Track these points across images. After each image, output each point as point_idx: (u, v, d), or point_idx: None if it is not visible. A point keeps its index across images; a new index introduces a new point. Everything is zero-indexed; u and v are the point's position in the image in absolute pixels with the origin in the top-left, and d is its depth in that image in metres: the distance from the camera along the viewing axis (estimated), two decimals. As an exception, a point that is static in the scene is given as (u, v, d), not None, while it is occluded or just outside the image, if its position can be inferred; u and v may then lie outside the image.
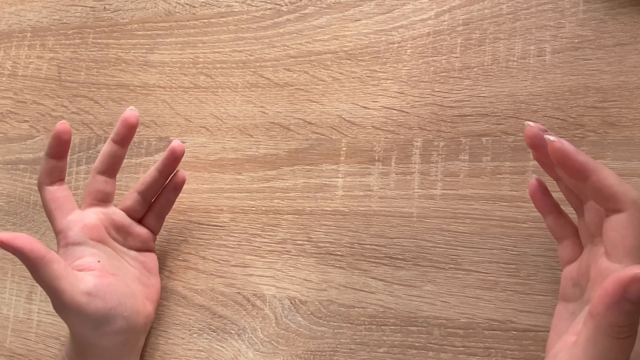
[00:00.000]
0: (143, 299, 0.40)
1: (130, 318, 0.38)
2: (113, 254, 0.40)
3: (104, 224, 0.40)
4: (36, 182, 0.50)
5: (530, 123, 0.27)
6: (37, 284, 0.48)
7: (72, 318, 0.35)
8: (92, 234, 0.39)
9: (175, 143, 0.40)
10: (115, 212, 0.41)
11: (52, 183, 0.38)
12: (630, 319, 0.23)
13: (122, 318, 0.37)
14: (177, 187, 0.42)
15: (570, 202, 0.30)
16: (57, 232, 0.39)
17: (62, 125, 0.37)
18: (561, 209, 0.31)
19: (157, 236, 0.43)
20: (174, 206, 0.43)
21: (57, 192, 0.39)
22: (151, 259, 0.42)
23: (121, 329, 0.37)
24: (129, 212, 0.41)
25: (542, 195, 0.31)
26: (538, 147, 0.28)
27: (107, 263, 0.38)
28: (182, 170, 0.42)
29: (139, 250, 0.42)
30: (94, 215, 0.40)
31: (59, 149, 0.38)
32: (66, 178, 0.49)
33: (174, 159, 0.40)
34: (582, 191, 0.28)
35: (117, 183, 0.47)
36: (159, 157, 0.46)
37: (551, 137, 0.26)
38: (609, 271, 0.25)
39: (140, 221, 0.42)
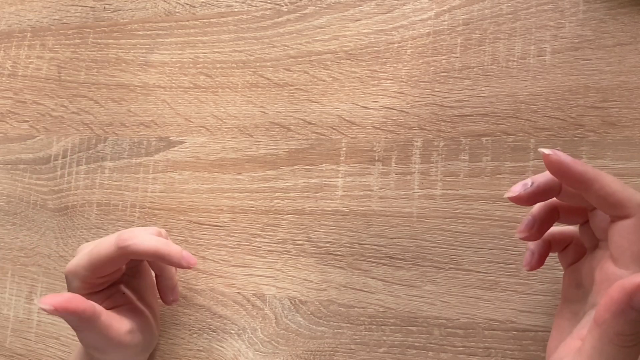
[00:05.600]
0: (155, 306, 0.41)
1: (157, 334, 0.41)
2: (126, 284, 0.41)
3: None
4: (36, 182, 0.50)
5: (544, 150, 0.26)
6: (37, 284, 0.48)
7: (116, 354, 0.37)
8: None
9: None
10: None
11: (127, 258, 0.36)
12: (636, 328, 0.22)
13: (155, 338, 0.41)
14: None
15: (573, 219, 0.29)
16: (85, 280, 0.37)
17: (190, 264, 0.37)
18: (559, 233, 0.31)
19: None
20: (174, 206, 0.43)
21: (122, 264, 0.37)
22: (146, 264, 0.42)
23: (152, 346, 0.41)
24: None
25: (543, 254, 0.30)
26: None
27: (128, 291, 0.40)
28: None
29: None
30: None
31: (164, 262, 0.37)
32: (66, 178, 0.49)
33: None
34: (580, 200, 0.28)
35: (117, 183, 0.47)
36: (159, 157, 0.46)
37: (545, 150, 0.25)
38: (616, 277, 0.25)
39: None
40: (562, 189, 0.27)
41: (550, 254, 0.32)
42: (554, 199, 0.29)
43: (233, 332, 0.41)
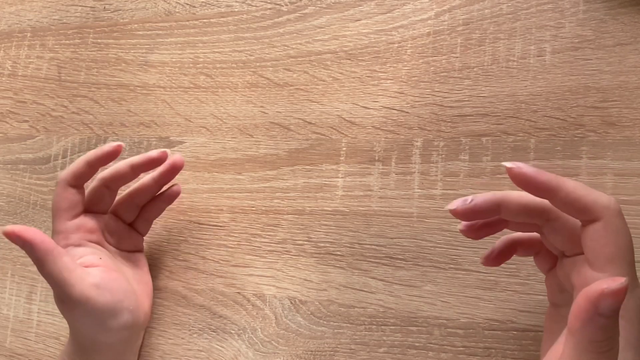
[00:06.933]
0: (142, 295, 0.41)
1: (135, 312, 0.39)
2: (109, 255, 0.41)
3: (101, 229, 0.41)
4: (36, 182, 0.50)
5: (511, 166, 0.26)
6: (37, 284, 0.48)
7: (79, 312, 0.36)
8: (91, 237, 0.40)
9: (177, 157, 0.40)
10: (112, 218, 0.42)
11: (75, 186, 0.39)
12: (607, 333, 0.22)
13: (128, 312, 0.38)
14: (171, 199, 0.42)
15: (527, 231, 0.30)
16: (58, 232, 0.39)
17: (118, 146, 0.39)
18: (520, 238, 0.31)
19: (158, 236, 0.43)
20: (174, 206, 0.43)
21: (75, 196, 0.40)
22: (141, 258, 0.43)
23: (127, 324, 0.38)
24: (121, 216, 0.42)
25: (503, 253, 0.31)
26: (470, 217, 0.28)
27: (108, 260, 0.39)
28: (179, 185, 0.42)
29: (130, 251, 0.42)
30: (94, 220, 0.41)
31: (102, 162, 0.39)
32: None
33: (173, 171, 0.40)
34: (526, 216, 0.28)
35: (117, 183, 0.47)
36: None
37: (507, 164, 0.26)
38: (593, 280, 0.25)
39: (130, 224, 0.42)
40: (501, 209, 0.28)
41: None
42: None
43: (233, 332, 0.41)
